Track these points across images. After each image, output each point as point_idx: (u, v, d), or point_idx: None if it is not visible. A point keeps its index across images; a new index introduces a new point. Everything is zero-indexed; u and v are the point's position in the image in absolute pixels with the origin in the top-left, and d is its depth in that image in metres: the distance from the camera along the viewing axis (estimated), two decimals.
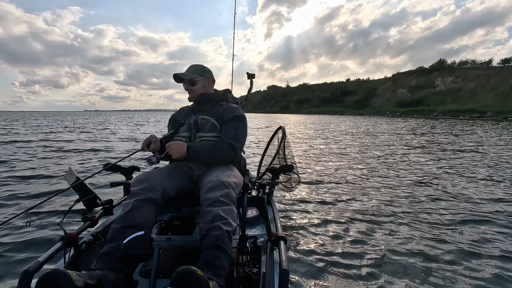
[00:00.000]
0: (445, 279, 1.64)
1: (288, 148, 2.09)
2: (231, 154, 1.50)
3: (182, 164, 1.53)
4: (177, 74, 1.63)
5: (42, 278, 0.78)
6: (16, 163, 5.10)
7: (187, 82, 1.63)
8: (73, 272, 0.82)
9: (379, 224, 2.37)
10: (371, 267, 1.74)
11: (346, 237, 2.13)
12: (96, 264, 1.03)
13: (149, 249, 0.90)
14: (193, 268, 0.81)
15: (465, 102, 49.36)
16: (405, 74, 77.77)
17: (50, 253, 1.08)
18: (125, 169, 1.72)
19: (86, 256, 1.25)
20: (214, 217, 1.13)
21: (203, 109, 1.62)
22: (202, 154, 1.45)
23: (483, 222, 2.45)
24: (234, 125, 1.56)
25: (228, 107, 1.63)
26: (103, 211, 1.47)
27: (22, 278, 0.91)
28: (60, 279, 0.78)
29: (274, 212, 1.68)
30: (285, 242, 1.18)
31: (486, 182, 3.93)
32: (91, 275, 0.89)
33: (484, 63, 63.33)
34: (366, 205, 2.86)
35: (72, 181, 1.32)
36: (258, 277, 1.19)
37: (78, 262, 1.20)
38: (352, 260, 1.81)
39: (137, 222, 1.13)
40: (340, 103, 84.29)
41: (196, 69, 1.64)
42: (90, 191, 1.36)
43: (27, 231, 2.28)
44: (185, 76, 1.62)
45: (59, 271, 0.80)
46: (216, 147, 1.48)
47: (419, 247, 2.01)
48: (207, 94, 1.66)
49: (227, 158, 1.51)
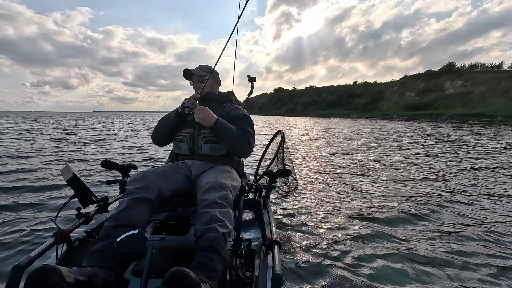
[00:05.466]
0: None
1: (286, 152, 2.09)
2: (247, 147, 1.53)
3: (180, 165, 1.53)
4: (189, 69, 1.66)
5: (33, 273, 0.77)
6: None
7: (196, 79, 1.66)
8: (64, 268, 0.82)
9: (377, 232, 2.32)
10: (367, 275, 1.71)
11: (342, 244, 2.08)
12: (87, 262, 1.02)
13: (142, 248, 0.90)
14: (185, 269, 0.80)
15: (475, 106, 48.52)
16: (413, 77, 76.98)
17: (42, 249, 1.07)
18: (122, 167, 1.73)
19: (79, 253, 1.25)
20: (210, 218, 1.13)
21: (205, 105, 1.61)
22: (226, 132, 1.46)
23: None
24: (246, 123, 1.59)
25: (236, 107, 1.66)
26: (98, 208, 1.46)
27: (13, 274, 0.90)
28: (51, 274, 0.77)
29: (269, 216, 1.66)
30: (279, 246, 1.18)
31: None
32: (82, 272, 0.89)
33: (495, 66, 62.22)
34: (364, 212, 2.82)
35: (68, 177, 1.32)
36: (251, 281, 1.18)
37: (70, 259, 1.19)
38: (347, 268, 1.77)
39: (131, 220, 1.12)
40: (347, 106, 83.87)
41: (206, 68, 1.68)
42: (86, 188, 1.35)
43: (20, 225, 2.28)
44: (196, 72, 1.65)
45: (50, 266, 0.79)
46: (240, 134, 1.50)
47: (418, 253, 1.98)
48: (213, 94, 1.69)
49: (243, 149, 1.53)
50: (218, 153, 1.56)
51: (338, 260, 1.86)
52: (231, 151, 1.55)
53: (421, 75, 76.10)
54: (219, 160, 1.58)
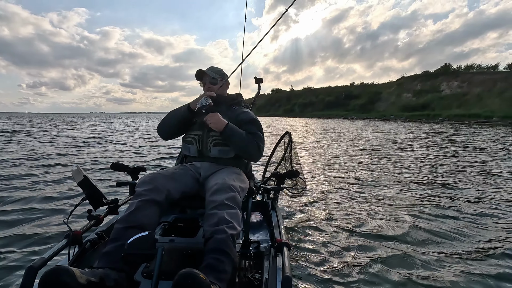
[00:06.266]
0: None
1: (294, 153, 2.08)
2: (257, 152, 1.54)
3: (188, 166, 1.53)
4: (202, 70, 1.68)
5: (46, 274, 0.79)
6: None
7: (208, 81, 1.67)
8: (76, 269, 0.83)
9: (388, 236, 2.29)
10: (377, 278, 1.71)
11: (352, 247, 2.08)
12: (98, 263, 1.03)
13: (153, 250, 0.90)
14: (195, 271, 0.81)
15: (471, 107, 48.83)
16: (410, 78, 77.34)
17: (54, 250, 1.09)
18: (131, 169, 1.75)
19: (90, 255, 1.26)
20: (219, 220, 1.13)
21: (216, 110, 1.61)
22: (236, 137, 1.48)
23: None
24: (255, 127, 1.60)
25: (245, 111, 1.68)
26: (108, 210, 1.48)
27: (27, 274, 0.92)
28: (64, 275, 0.79)
29: (278, 217, 1.67)
30: (288, 248, 1.17)
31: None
32: (94, 273, 0.90)
33: (490, 67, 62.70)
34: (375, 215, 2.81)
35: (79, 179, 1.33)
36: (260, 283, 1.18)
37: (81, 260, 1.21)
38: (357, 271, 1.77)
39: (140, 222, 1.13)
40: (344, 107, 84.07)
41: (218, 71, 1.71)
42: (96, 190, 1.36)
43: (33, 228, 2.34)
44: (210, 74, 1.66)
45: (63, 267, 0.81)
46: (250, 139, 1.52)
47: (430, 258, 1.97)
48: (223, 96, 1.70)
49: (253, 154, 1.54)
50: (227, 156, 1.57)
51: (349, 262, 1.85)
52: (240, 155, 1.56)
53: (417, 76, 76.46)
54: (228, 163, 1.58)
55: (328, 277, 1.69)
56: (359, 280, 1.67)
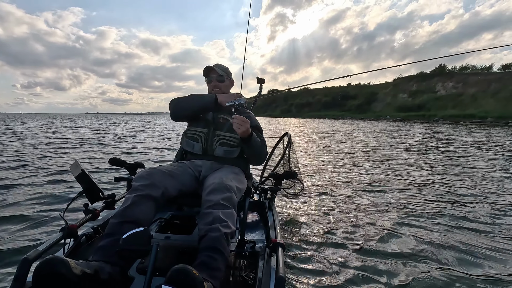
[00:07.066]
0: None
1: (293, 154, 2.08)
2: (264, 158, 1.59)
3: (187, 164, 1.52)
4: (211, 66, 1.68)
5: (41, 264, 0.79)
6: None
7: (215, 78, 1.67)
8: (71, 260, 0.84)
9: (384, 237, 2.28)
10: (372, 279, 1.71)
11: (347, 247, 2.07)
12: (93, 257, 1.04)
13: (148, 246, 0.91)
14: (188, 267, 0.82)
15: (466, 107, 49.32)
16: (405, 79, 77.86)
17: (50, 243, 1.09)
18: (130, 165, 1.76)
19: (85, 249, 1.26)
20: (213, 219, 1.13)
21: (221, 108, 1.61)
22: (255, 144, 1.50)
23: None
24: (261, 133, 1.63)
25: (249, 115, 1.67)
26: (105, 205, 1.48)
27: (21, 266, 0.93)
28: (59, 265, 0.79)
29: (274, 218, 1.67)
30: (283, 249, 1.19)
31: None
32: (89, 265, 0.91)
33: (485, 68, 63.41)
34: (371, 214, 2.83)
35: (77, 173, 1.34)
36: (254, 283, 1.19)
37: (76, 254, 1.21)
38: (352, 271, 1.77)
39: (136, 217, 1.13)
40: (341, 107, 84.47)
41: (225, 69, 1.72)
42: (94, 184, 1.36)
43: (28, 220, 2.35)
44: (219, 71, 1.66)
45: (58, 258, 0.81)
46: (264, 147, 1.57)
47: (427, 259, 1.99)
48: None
49: (262, 159, 1.60)
50: (231, 156, 1.56)
51: (343, 264, 1.86)
52: (250, 159, 1.58)
53: (413, 76, 77.04)
54: (229, 162, 1.58)
55: (322, 278, 1.69)
56: (354, 282, 1.67)
